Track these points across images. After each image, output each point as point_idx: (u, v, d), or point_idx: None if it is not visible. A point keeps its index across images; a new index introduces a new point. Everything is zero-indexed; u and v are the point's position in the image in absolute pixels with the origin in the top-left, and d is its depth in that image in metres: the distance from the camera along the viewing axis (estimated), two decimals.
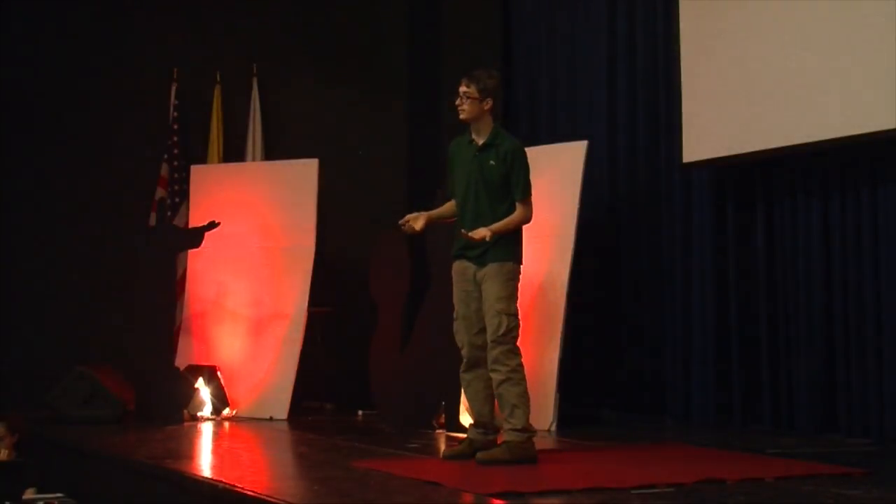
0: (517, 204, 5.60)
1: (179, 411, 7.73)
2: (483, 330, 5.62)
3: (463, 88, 5.66)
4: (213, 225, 8.02)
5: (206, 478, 5.17)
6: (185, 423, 7.61)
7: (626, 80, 8.14)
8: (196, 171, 8.80)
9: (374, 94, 9.59)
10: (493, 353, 5.50)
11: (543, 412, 7.08)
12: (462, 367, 5.73)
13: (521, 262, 5.65)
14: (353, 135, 9.46)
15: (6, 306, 8.58)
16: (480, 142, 5.67)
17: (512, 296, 5.56)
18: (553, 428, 7.06)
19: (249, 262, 8.41)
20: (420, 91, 9.65)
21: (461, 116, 5.70)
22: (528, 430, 5.47)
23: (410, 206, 9.23)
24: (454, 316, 5.73)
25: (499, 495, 4.49)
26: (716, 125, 7.19)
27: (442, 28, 9.67)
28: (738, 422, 7.15)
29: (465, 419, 7.17)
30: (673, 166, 7.67)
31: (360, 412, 8.16)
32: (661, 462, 5.57)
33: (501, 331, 5.47)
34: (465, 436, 6.82)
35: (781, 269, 7.03)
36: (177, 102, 9.14)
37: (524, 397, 5.49)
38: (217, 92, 9.31)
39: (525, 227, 5.72)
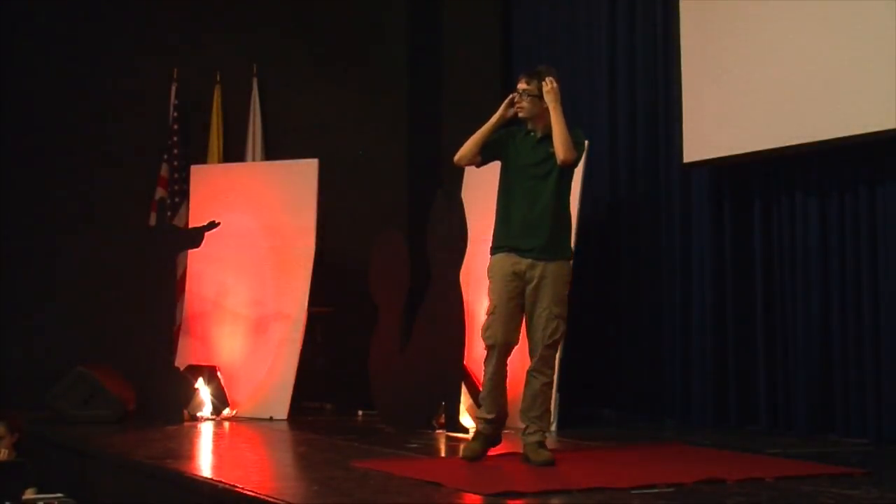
0: None
1: (179, 411, 7.73)
2: (519, 325, 5.52)
3: (523, 86, 5.56)
4: (212, 225, 8.02)
5: (206, 478, 5.17)
6: (185, 423, 7.61)
7: (626, 81, 8.14)
8: (196, 171, 8.80)
9: (374, 93, 9.59)
10: (542, 356, 5.44)
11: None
12: (493, 364, 5.52)
13: None
14: (353, 135, 9.46)
15: (6, 306, 8.58)
16: (539, 135, 5.59)
17: (567, 298, 5.52)
18: (553, 428, 7.05)
19: (249, 262, 8.41)
20: (420, 91, 9.66)
21: (520, 114, 5.59)
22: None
23: (410, 206, 9.33)
24: (489, 311, 5.54)
25: (499, 495, 4.49)
26: (716, 125, 7.20)
27: (442, 28, 9.67)
28: (736, 422, 7.16)
29: (466, 419, 7.18)
30: (673, 166, 7.68)
31: (360, 412, 8.15)
32: (661, 462, 5.57)
33: (557, 335, 5.46)
34: (464, 435, 6.82)
35: (779, 269, 7.03)
36: (177, 102, 9.14)
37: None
38: (217, 92, 9.31)
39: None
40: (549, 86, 5.50)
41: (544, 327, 5.43)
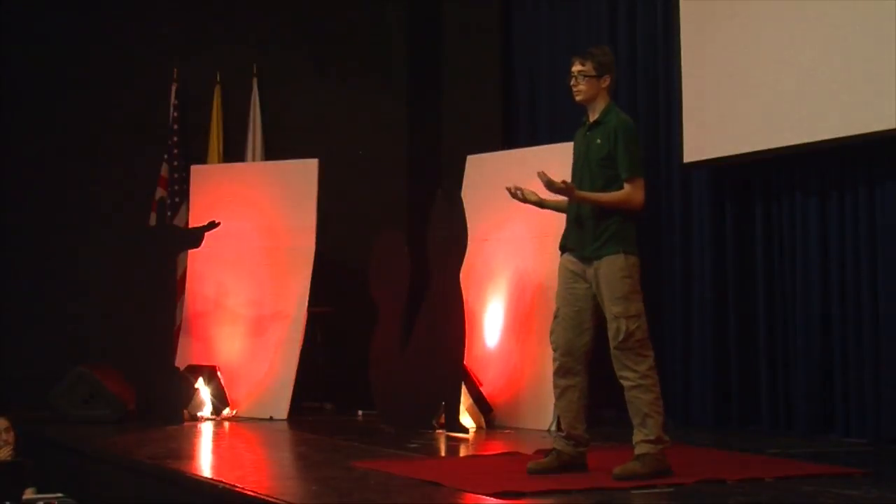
0: (624, 184, 5.05)
1: (179, 411, 7.73)
2: (587, 330, 5.12)
3: (577, 67, 5.10)
4: (212, 225, 8.02)
5: (206, 478, 5.17)
6: (185, 423, 7.61)
7: (627, 81, 8.13)
8: (196, 171, 8.81)
9: (374, 93, 9.59)
10: (617, 359, 5.02)
11: (543, 412, 7.09)
12: (556, 373, 5.16)
13: (636, 254, 5.09)
14: (353, 134, 9.46)
15: (6, 306, 8.58)
16: (589, 122, 5.17)
17: (629, 295, 5.00)
18: (553, 428, 7.06)
19: (249, 262, 8.42)
20: (420, 90, 9.66)
21: (578, 98, 5.14)
22: (661, 440, 4.95)
23: (410, 206, 9.33)
24: (554, 314, 5.19)
25: (499, 495, 4.49)
26: (716, 125, 7.20)
27: (442, 28, 9.67)
28: (736, 422, 7.16)
29: (466, 419, 7.18)
30: (673, 166, 7.68)
31: (360, 412, 8.16)
32: None
33: (621, 337, 4.97)
34: (464, 435, 6.82)
35: (780, 269, 7.03)
36: (177, 102, 9.14)
37: (657, 405, 4.99)
38: (217, 92, 9.31)
39: (525, 226, 5.54)
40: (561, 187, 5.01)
41: (609, 329, 5.01)
